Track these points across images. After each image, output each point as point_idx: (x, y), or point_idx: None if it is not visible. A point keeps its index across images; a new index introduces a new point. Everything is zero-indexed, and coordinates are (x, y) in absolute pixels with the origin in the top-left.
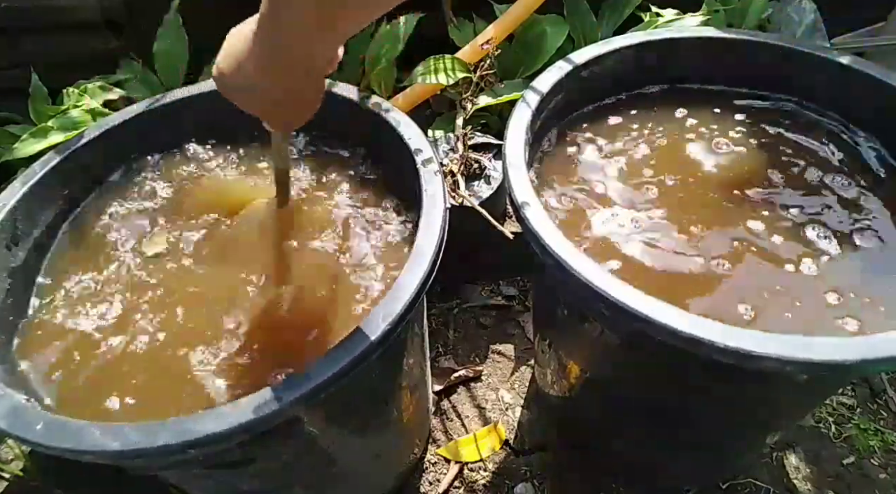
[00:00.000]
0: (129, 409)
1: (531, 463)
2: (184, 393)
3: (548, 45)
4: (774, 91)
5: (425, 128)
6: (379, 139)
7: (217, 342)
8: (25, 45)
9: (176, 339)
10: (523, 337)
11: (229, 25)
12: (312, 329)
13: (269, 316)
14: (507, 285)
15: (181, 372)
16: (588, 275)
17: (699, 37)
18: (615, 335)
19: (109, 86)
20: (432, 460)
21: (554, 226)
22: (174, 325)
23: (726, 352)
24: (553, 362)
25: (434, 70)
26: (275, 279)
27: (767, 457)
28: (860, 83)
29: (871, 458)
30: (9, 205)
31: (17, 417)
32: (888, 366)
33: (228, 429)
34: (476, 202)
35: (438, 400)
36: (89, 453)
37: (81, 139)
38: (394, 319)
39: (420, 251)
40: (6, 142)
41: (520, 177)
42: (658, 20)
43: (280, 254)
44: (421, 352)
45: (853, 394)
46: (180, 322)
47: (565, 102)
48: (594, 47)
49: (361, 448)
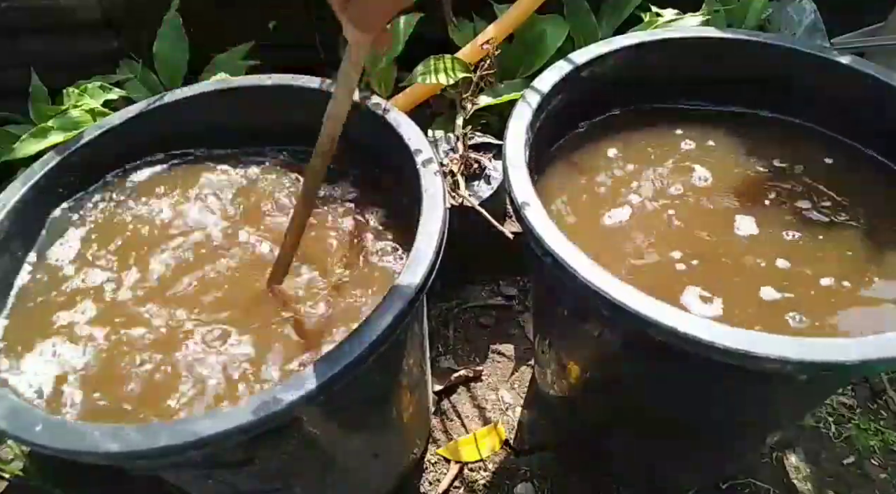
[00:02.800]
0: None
1: (531, 463)
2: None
3: (548, 45)
4: (774, 91)
5: (425, 128)
6: (379, 139)
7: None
8: (25, 45)
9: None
10: (523, 337)
11: (229, 25)
12: (313, 328)
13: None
14: (507, 285)
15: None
16: (588, 275)
17: (699, 37)
18: (615, 335)
19: (109, 86)
20: (432, 460)
21: (554, 226)
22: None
23: (726, 352)
24: (553, 362)
25: (434, 70)
26: (274, 275)
27: (767, 457)
28: (860, 83)
29: (871, 458)
30: (9, 205)
31: (17, 417)
32: (888, 366)
33: (228, 430)
34: (476, 202)
35: (438, 399)
36: (89, 453)
37: (81, 139)
38: (394, 320)
39: (420, 251)
40: (6, 142)
41: (520, 177)
42: (658, 20)
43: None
44: (421, 352)
45: (853, 394)
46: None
47: (566, 102)
48: (594, 47)
49: (361, 448)
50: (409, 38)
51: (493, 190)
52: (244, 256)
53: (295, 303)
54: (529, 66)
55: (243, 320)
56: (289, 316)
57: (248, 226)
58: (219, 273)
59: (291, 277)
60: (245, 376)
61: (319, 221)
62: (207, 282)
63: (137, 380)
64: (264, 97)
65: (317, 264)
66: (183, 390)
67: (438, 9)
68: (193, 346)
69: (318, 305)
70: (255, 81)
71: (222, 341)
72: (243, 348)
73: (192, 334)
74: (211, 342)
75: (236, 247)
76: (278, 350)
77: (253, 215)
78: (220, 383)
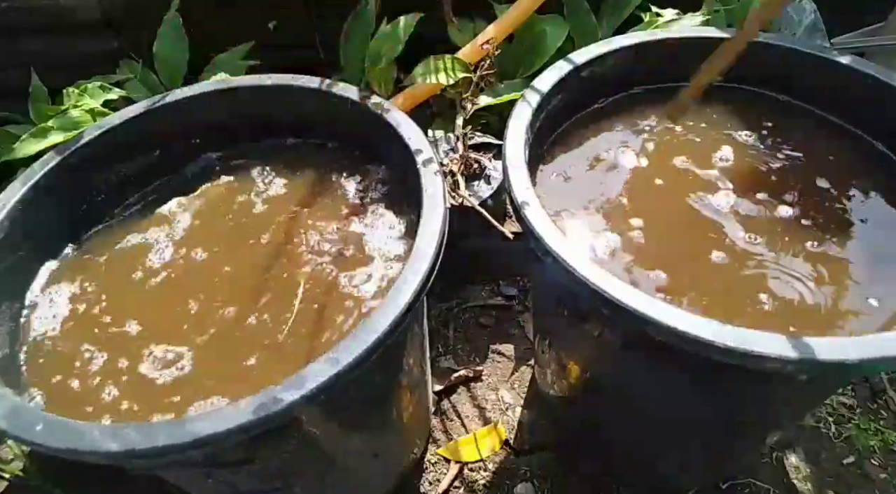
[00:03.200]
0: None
1: (531, 463)
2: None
3: (548, 45)
4: (773, 91)
5: (425, 128)
6: (379, 139)
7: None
8: (25, 45)
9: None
10: (523, 337)
11: (229, 25)
12: (313, 328)
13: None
14: (507, 285)
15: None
16: (587, 275)
17: (699, 37)
18: (615, 335)
19: (109, 86)
20: (432, 460)
21: (554, 226)
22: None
23: (726, 352)
24: (553, 362)
25: (434, 70)
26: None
27: (767, 457)
28: (860, 83)
29: (871, 458)
30: (9, 205)
31: (17, 417)
32: (888, 366)
33: (228, 430)
34: (476, 202)
35: (438, 399)
36: (89, 453)
37: (81, 139)
38: (394, 320)
39: (420, 251)
40: (6, 142)
41: (520, 177)
42: (658, 20)
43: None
44: (421, 352)
45: (853, 394)
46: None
47: (565, 102)
48: (594, 47)
49: (361, 448)
50: (409, 38)
51: (493, 190)
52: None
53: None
54: (529, 66)
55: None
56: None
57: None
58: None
59: (294, 270)
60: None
61: (316, 221)
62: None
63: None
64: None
65: (316, 264)
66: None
67: (438, 9)
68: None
69: (319, 304)
70: (255, 81)
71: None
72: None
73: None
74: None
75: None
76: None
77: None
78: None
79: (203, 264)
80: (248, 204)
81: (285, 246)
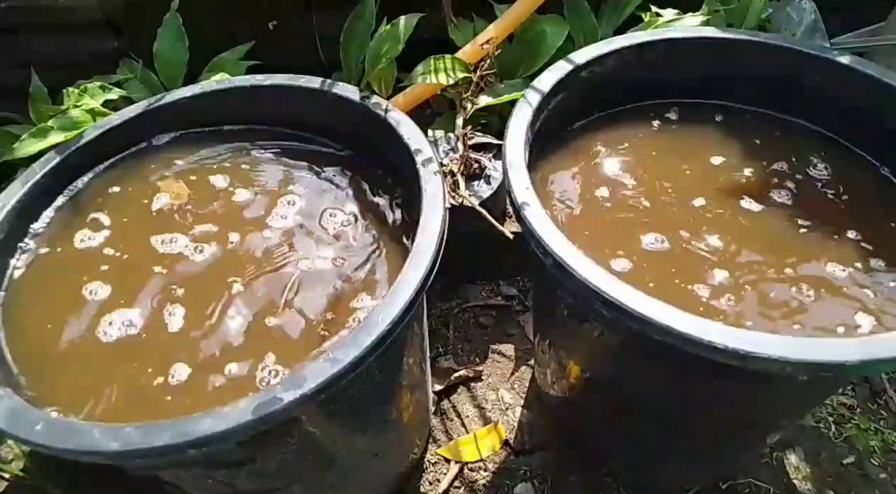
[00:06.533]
0: None
1: (531, 463)
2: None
3: (548, 45)
4: (773, 91)
5: (425, 129)
6: (379, 139)
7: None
8: (25, 44)
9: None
10: (523, 337)
11: (229, 25)
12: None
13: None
14: (507, 285)
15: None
16: (588, 275)
17: (699, 37)
18: (615, 335)
19: (109, 86)
20: (432, 460)
21: (554, 226)
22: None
23: (726, 352)
24: (553, 362)
25: (434, 70)
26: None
27: (767, 457)
28: (860, 83)
29: (871, 458)
30: (9, 205)
31: (17, 417)
32: (888, 366)
33: (228, 429)
34: (476, 202)
35: (438, 399)
36: (89, 453)
37: (81, 139)
38: (393, 319)
39: (420, 251)
40: (6, 142)
41: (520, 177)
42: (658, 20)
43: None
44: (421, 352)
45: (853, 394)
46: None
47: (566, 102)
48: (594, 47)
49: (361, 448)
50: (409, 38)
51: (493, 190)
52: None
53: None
54: (529, 66)
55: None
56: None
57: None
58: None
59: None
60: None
61: (314, 220)
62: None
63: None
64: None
65: (317, 263)
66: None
67: (438, 9)
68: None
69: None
70: (254, 81)
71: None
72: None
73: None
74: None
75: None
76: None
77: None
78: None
79: (203, 264)
80: (248, 203)
81: (280, 244)
